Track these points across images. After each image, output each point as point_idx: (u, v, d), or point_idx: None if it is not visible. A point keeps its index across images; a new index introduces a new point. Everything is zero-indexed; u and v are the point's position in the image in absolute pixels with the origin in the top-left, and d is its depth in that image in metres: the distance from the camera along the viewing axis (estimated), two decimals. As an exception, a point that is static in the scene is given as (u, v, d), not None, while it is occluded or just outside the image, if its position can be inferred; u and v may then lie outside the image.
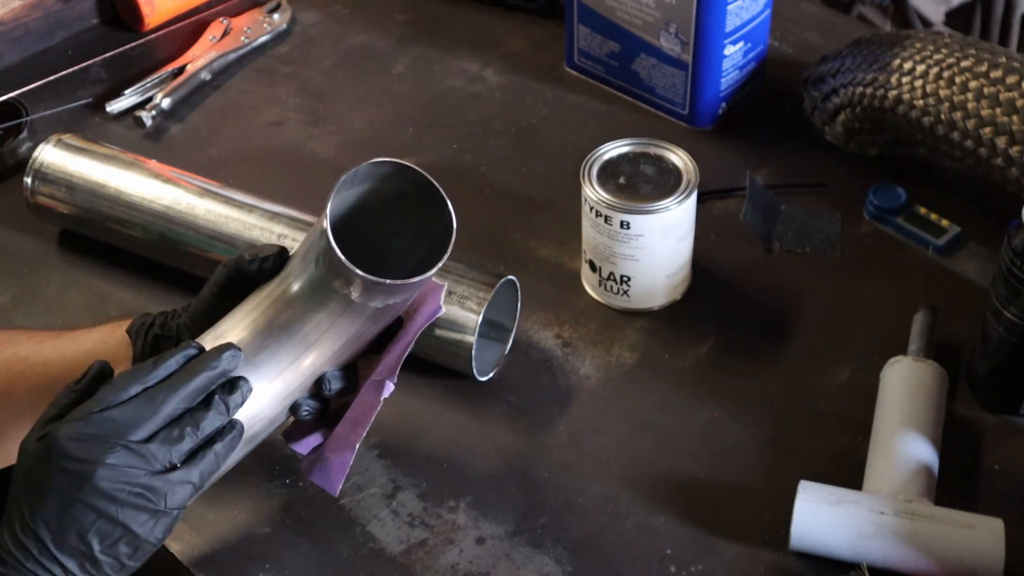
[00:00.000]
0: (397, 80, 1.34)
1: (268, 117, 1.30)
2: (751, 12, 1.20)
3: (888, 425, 0.95)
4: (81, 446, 0.73)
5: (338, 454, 0.86)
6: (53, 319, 1.10)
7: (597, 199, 1.02)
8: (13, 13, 1.35)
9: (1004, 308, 0.94)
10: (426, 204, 0.82)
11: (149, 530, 0.75)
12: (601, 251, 1.05)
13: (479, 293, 0.99)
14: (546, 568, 0.91)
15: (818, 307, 1.09)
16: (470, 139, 1.26)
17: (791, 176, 1.20)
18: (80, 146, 1.13)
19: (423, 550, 0.92)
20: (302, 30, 1.41)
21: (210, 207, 1.08)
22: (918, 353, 1.00)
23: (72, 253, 1.16)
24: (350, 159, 1.25)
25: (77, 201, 1.12)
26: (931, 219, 1.13)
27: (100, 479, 0.73)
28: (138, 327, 0.86)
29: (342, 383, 0.84)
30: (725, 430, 1.00)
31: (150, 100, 1.29)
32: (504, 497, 0.96)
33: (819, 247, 1.14)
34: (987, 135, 1.07)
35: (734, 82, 1.24)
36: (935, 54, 1.11)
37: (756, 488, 0.95)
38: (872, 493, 0.91)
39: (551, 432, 1.00)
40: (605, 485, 0.96)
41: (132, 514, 0.74)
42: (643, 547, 0.92)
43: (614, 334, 1.07)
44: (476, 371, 1.01)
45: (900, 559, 0.88)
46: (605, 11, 1.24)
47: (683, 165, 1.04)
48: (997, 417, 1.00)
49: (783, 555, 0.91)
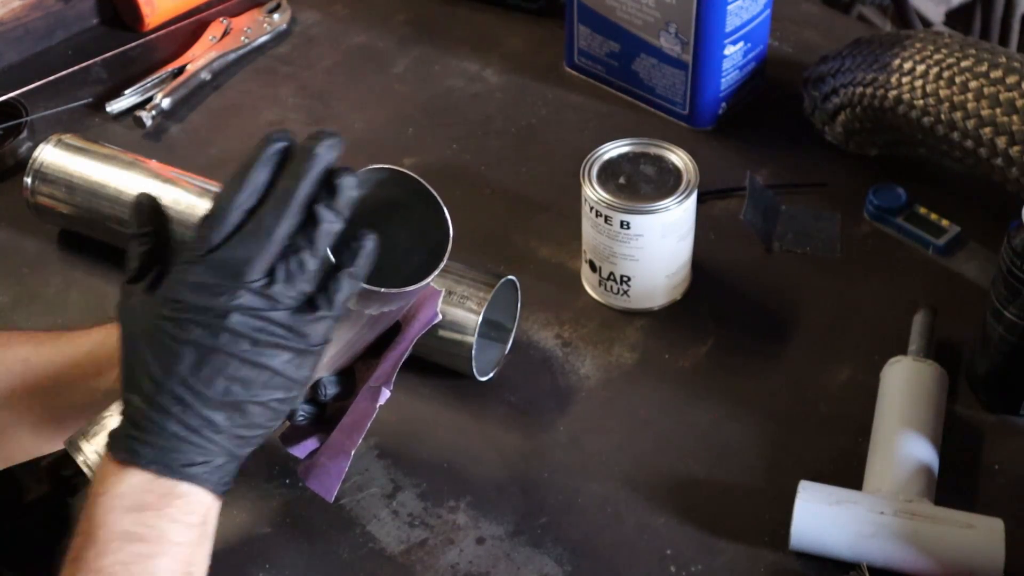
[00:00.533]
0: (397, 80, 1.34)
1: (268, 117, 1.30)
2: (751, 12, 1.20)
3: (888, 425, 0.95)
4: (203, 295, 0.70)
5: (334, 460, 0.85)
6: (53, 319, 1.10)
7: (597, 199, 1.02)
8: (13, 13, 1.35)
9: (1004, 308, 0.94)
10: (423, 211, 0.81)
11: (295, 369, 0.71)
12: (601, 251, 1.05)
13: (479, 293, 0.99)
14: (546, 568, 0.91)
15: (818, 307, 1.09)
16: (470, 139, 1.26)
17: (791, 176, 1.20)
18: (80, 146, 1.14)
19: (423, 550, 0.92)
20: (302, 30, 1.41)
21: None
22: (918, 353, 1.00)
23: (72, 253, 1.16)
24: (350, 159, 1.25)
25: (77, 201, 1.12)
26: (931, 219, 1.13)
27: (233, 323, 0.69)
28: None
29: (338, 388, 0.83)
30: (725, 430, 1.00)
31: (150, 100, 1.29)
32: (504, 497, 0.96)
33: (819, 247, 1.13)
34: (987, 135, 1.07)
35: (734, 82, 1.24)
36: (935, 54, 1.11)
37: (756, 488, 0.95)
38: (872, 493, 0.91)
39: (551, 432, 1.00)
40: (605, 485, 0.96)
41: (273, 354, 0.71)
42: (643, 547, 0.92)
43: (614, 334, 1.07)
44: (476, 371, 1.01)
45: (900, 559, 0.88)
46: (605, 11, 1.24)
47: (683, 165, 1.04)
48: (997, 417, 1.00)
49: (783, 555, 0.91)
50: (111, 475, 0.71)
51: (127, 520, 0.70)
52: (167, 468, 0.70)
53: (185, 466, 0.71)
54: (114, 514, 0.70)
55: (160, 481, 0.70)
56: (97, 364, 0.85)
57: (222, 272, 0.70)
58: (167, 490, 0.71)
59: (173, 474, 0.70)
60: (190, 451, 0.71)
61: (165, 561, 0.70)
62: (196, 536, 0.72)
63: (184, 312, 0.70)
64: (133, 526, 0.70)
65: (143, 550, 0.70)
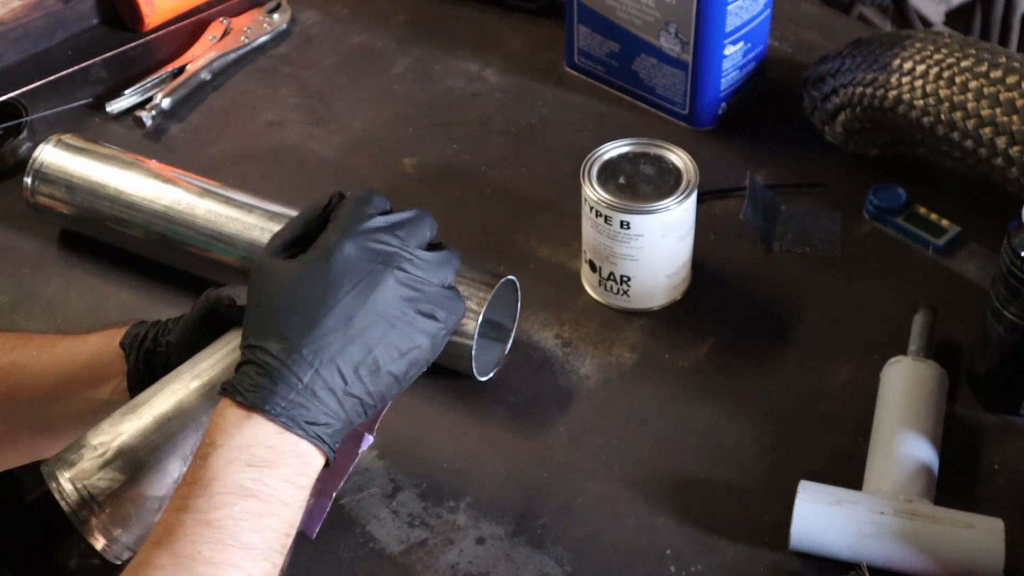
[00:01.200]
0: (397, 80, 1.34)
1: (268, 117, 1.30)
2: (751, 12, 1.20)
3: (888, 425, 0.95)
4: (368, 252, 0.73)
5: (317, 499, 0.85)
6: (53, 319, 1.10)
7: (597, 199, 1.02)
8: (13, 13, 1.35)
9: (1004, 308, 0.94)
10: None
11: (431, 345, 0.75)
12: (601, 251, 1.05)
13: (479, 293, 0.99)
14: (546, 568, 0.91)
15: (818, 307, 1.09)
16: (470, 139, 1.26)
17: (791, 176, 1.20)
18: (80, 146, 1.13)
19: (423, 550, 0.92)
20: (302, 30, 1.41)
21: (210, 207, 1.08)
22: (918, 353, 1.00)
23: (72, 253, 1.16)
24: (350, 159, 1.25)
25: (77, 201, 1.12)
26: (931, 219, 1.13)
27: (395, 282, 0.72)
28: (131, 340, 0.85)
29: None
30: (725, 430, 1.00)
31: (150, 100, 1.29)
32: (504, 497, 0.96)
33: (819, 247, 1.14)
34: (987, 135, 1.07)
35: (734, 82, 1.24)
36: (935, 54, 1.11)
37: (756, 488, 0.95)
38: (872, 493, 0.91)
39: (551, 432, 1.00)
40: (605, 485, 0.96)
41: (422, 321, 0.74)
42: (643, 547, 0.92)
43: (614, 334, 1.07)
44: (476, 371, 1.01)
45: (900, 559, 0.88)
46: (605, 11, 1.24)
47: (683, 165, 1.04)
48: (997, 417, 1.00)
49: (783, 555, 0.91)
50: (233, 423, 0.70)
51: (245, 475, 0.69)
52: (293, 423, 0.70)
53: (310, 423, 0.71)
54: (234, 467, 0.69)
55: (283, 436, 0.70)
56: (94, 375, 0.85)
57: (384, 236, 0.74)
58: (288, 447, 0.70)
59: (297, 430, 0.70)
60: (316, 410, 0.71)
61: (273, 520, 0.70)
62: (301, 499, 0.72)
63: (343, 268, 0.72)
64: (250, 482, 0.69)
65: (255, 507, 0.69)
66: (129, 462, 0.76)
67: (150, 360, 0.84)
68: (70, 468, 0.76)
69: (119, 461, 0.76)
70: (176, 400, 0.78)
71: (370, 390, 0.73)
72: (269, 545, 0.69)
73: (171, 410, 0.78)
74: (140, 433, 0.77)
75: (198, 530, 0.68)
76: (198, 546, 0.67)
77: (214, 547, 0.67)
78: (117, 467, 0.76)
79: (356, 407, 0.73)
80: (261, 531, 0.69)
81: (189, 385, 0.79)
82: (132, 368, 0.84)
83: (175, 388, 0.79)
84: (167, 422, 0.78)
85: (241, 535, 0.68)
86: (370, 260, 0.73)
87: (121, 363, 0.85)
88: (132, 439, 0.77)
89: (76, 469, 0.76)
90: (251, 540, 0.68)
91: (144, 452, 0.77)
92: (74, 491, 0.76)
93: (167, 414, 0.78)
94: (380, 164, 1.24)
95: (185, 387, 0.79)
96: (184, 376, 0.79)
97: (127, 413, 0.78)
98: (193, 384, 0.78)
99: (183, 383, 0.79)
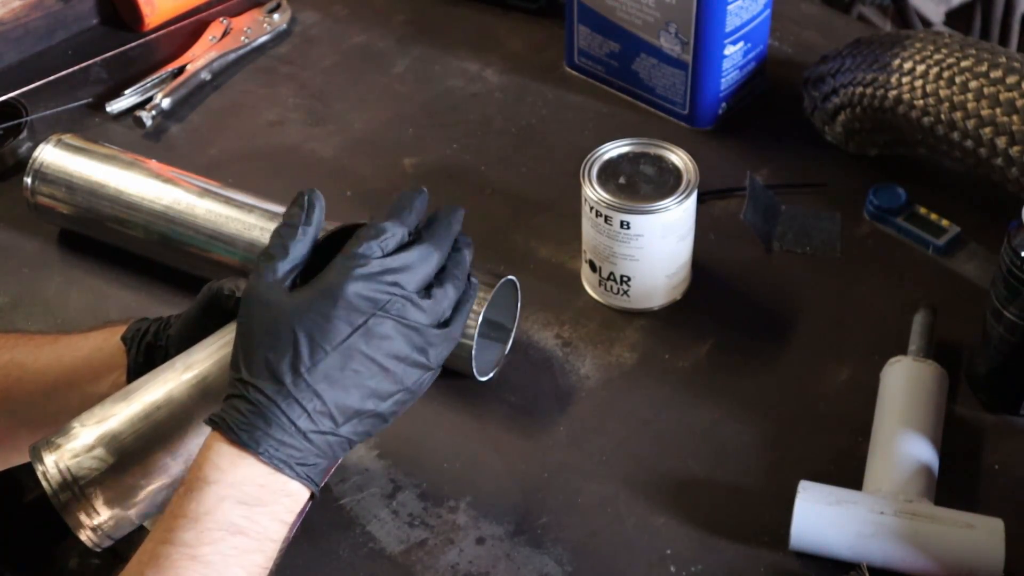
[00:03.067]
0: (397, 80, 1.34)
1: (268, 117, 1.30)
2: (751, 12, 1.20)
3: (888, 425, 0.95)
4: (369, 300, 0.72)
5: None
6: (53, 319, 1.10)
7: (597, 199, 1.02)
8: (13, 13, 1.35)
9: (1004, 308, 0.94)
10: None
11: (420, 386, 0.75)
12: (601, 251, 1.05)
13: (479, 293, 0.99)
14: (546, 568, 0.91)
15: (818, 307, 1.09)
16: (470, 139, 1.26)
17: (791, 176, 1.20)
18: (80, 146, 1.13)
19: (423, 550, 0.92)
20: (302, 30, 1.41)
21: (210, 207, 1.08)
22: (918, 353, 1.00)
23: (72, 253, 1.16)
24: (350, 159, 1.25)
25: (77, 201, 1.12)
26: (931, 219, 1.13)
27: (390, 334, 0.72)
28: (132, 334, 0.85)
29: None
30: (725, 430, 1.00)
31: (150, 100, 1.29)
32: (504, 497, 0.96)
33: (819, 247, 1.14)
34: (987, 135, 1.07)
35: (734, 82, 1.24)
36: (935, 54, 1.11)
37: (756, 488, 0.95)
38: (872, 493, 0.91)
39: (551, 432, 1.00)
40: (605, 485, 0.96)
41: (412, 372, 0.74)
42: (643, 547, 0.92)
43: (614, 334, 1.07)
44: (476, 371, 1.01)
45: (900, 559, 0.88)
46: (605, 11, 1.24)
47: (683, 165, 1.04)
48: (997, 417, 1.00)
49: (783, 555, 0.91)
50: (226, 460, 0.71)
51: (236, 513, 0.70)
52: (285, 465, 0.71)
53: (300, 464, 0.71)
54: (225, 504, 0.70)
55: (275, 476, 0.71)
56: (94, 369, 0.85)
57: (387, 280, 0.73)
58: (279, 487, 0.71)
59: (288, 471, 0.71)
60: (308, 452, 0.72)
61: (259, 557, 0.71)
62: (287, 534, 0.73)
63: (343, 313, 0.72)
64: (240, 519, 0.70)
65: (244, 544, 0.70)
66: (115, 447, 0.76)
67: (150, 354, 0.84)
68: (55, 450, 0.77)
69: (105, 445, 0.76)
70: (167, 390, 0.78)
71: (358, 431, 0.74)
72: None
73: (161, 399, 0.78)
74: (128, 419, 0.77)
75: (184, 563, 0.68)
76: None
77: None
78: (103, 451, 0.76)
79: (343, 445, 0.74)
80: (247, 567, 0.70)
81: (181, 377, 0.79)
82: (132, 361, 0.84)
83: (167, 378, 0.79)
84: (155, 410, 0.78)
85: (227, 571, 0.69)
86: (371, 305, 0.73)
87: (122, 357, 0.85)
88: (120, 424, 0.77)
89: (62, 451, 0.76)
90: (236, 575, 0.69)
91: (131, 438, 0.77)
92: (58, 472, 0.76)
93: (156, 403, 0.78)
94: (380, 164, 1.24)
95: (177, 378, 0.79)
96: (177, 367, 0.79)
97: (118, 400, 0.79)
98: (185, 376, 0.78)
99: (175, 374, 0.79)
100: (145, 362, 0.84)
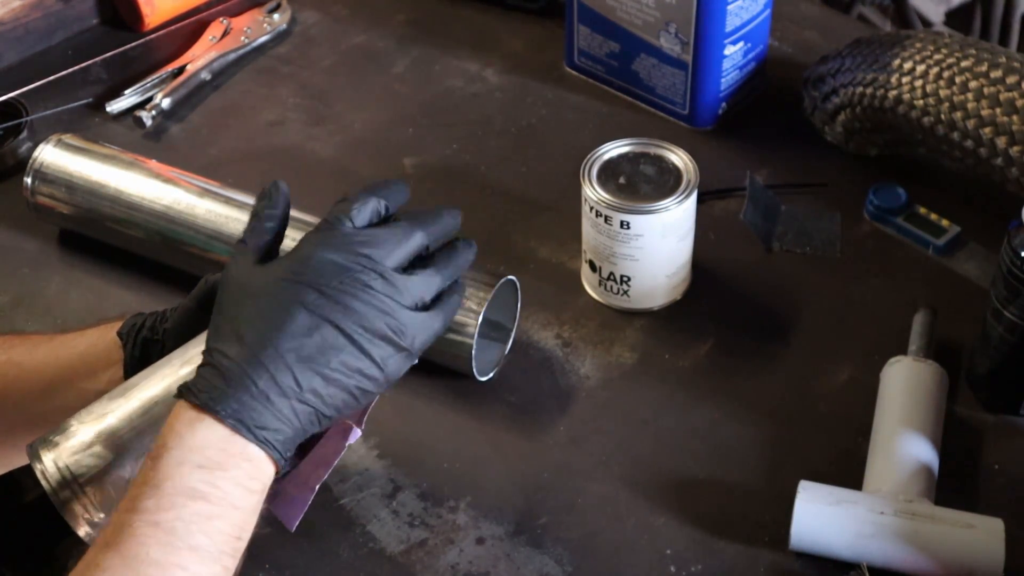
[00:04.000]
0: (397, 80, 1.34)
1: (268, 117, 1.30)
2: (751, 12, 1.20)
3: (888, 425, 0.95)
4: (336, 267, 0.72)
5: (299, 491, 0.85)
6: (53, 319, 1.10)
7: (597, 199, 1.02)
8: (13, 13, 1.35)
9: (1004, 308, 0.94)
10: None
11: (394, 367, 0.74)
12: (601, 251, 1.05)
13: (479, 293, 0.99)
14: (546, 568, 0.91)
15: (818, 307, 1.09)
16: (470, 139, 1.26)
17: (791, 176, 1.20)
18: (80, 146, 1.13)
19: (423, 550, 0.92)
20: (302, 30, 1.41)
21: (210, 207, 1.08)
22: (918, 353, 1.00)
23: (72, 253, 1.16)
24: (350, 159, 1.25)
25: (77, 201, 1.12)
26: (931, 219, 1.13)
27: (358, 304, 0.72)
28: (128, 329, 0.85)
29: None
30: (725, 430, 1.00)
31: (150, 100, 1.29)
32: (504, 497, 0.96)
33: (819, 247, 1.14)
34: (987, 135, 1.07)
35: (734, 82, 1.24)
36: (935, 54, 1.11)
37: (756, 488, 0.95)
38: (872, 493, 0.91)
39: (551, 432, 1.00)
40: (605, 485, 0.96)
41: (381, 346, 0.73)
42: (643, 547, 0.92)
43: (614, 334, 1.07)
44: (476, 371, 1.01)
45: (900, 559, 0.88)
46: (605, 11, 1.24)
47: (683, 165, 1.04)
48: (997, 417, 1.00)
49: (783, 555, 0.91)
50: (185, 425, 0.71)
51: (195, 477, 0.69)
52: (243, 426, 0.70)
53: (260, 428, 0.71)
54: (184, 468, 0.69)
55: (234, 439, 0.70)
56: (90, 365, 0.85)
57: (359, 251, 0.73)
58: (238, 450, 0.71)
59: (248, 433, 0.71)
60: (268, 415, 0.71)
61: (222, 524, 0.70)
62: (253, 504, 0.72)
63: (311, 279, 0.72)
64: (200, 484, 0.69)
65: (205, 509, 0.69)
66: (113, 444, 0.76)
67: (147, 348, 0.84)
68: (54, 448, 0.76)
69: (103, 442, 0.76)
70: (164, 385, 0.78)
71: (325, 401, 0.73)
72: (219, 548, 0.69)
73: (159, 394, 0.78)
74: (126, 416, 0.77)
75: (147, 531, 0.68)
76: (147, 548, 0.67)
77: (163, 549, 0.68)
78: (101, 448, 0.76)
79: (311, 416, 0.73)
80: (211, 534, 0.69)
81: (178, 371, 0.78)
82: (128, 356, 0.84)
83: (164, 373, 0.79)
84: (153, 406, 0.77)
85: (190, 537, 0.68)
86: (339, 271, 0.73)
87: (118, 352, 0.85)
88: (117, 421, 0.77)
89: (60, 449, 0.76)
90: (200, 542, 0.69)
91: (129, 434, 0.77)
92: (56, 471, 0.76)
93: (154, 398, 0.78)
94: (380, 164, 1.24)
95: (174, 373, 0.79)
96: (174, 362, 0.79)
97: (115, 396, 0.78)
98: (183, 371, 0.78)
99: (173, 369, 0.79)
100: (141, 357, 0.84)
